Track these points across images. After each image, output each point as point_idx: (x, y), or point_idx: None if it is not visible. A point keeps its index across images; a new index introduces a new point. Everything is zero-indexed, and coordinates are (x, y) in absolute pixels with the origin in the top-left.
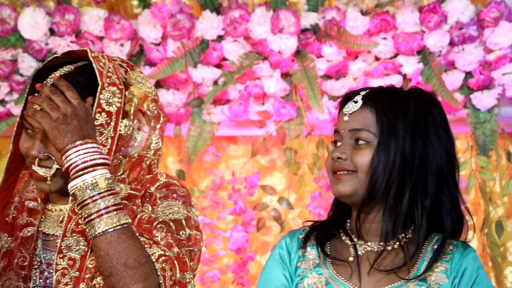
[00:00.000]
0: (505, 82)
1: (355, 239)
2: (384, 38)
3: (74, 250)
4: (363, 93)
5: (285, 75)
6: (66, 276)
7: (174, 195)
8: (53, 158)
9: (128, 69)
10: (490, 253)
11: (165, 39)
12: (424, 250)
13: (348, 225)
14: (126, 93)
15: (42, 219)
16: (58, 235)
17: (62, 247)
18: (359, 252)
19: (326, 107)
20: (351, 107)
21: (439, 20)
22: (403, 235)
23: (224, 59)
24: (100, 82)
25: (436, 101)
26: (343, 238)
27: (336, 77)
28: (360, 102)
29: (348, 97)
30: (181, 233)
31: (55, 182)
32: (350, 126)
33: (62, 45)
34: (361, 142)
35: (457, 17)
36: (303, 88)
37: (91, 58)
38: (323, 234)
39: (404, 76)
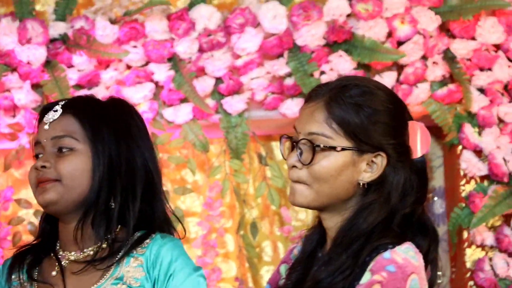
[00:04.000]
0: (254, 86)
1: (61, 253)
2: (135, 46)
3: None
4: (61, 103)
5: (36, 86)
6: None
7: None
8: None
9: None
10: (246, 254)
11: None
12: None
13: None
14: None
15: None
16: None
17: None
18: (63, 264)
19: None
20: (51, 115)
21: (188, 27)
22: (110, 236)
23: None
24: None
25: (135, 108)
26: (51, 256)
27: (88, 87)
28: (60, 111)
29: (47, 108)
30: None
31: None
32: (52, 134)
33: None
34: (64, 149)
35: (205, 24)
36: (55, 98)
37: None
38: (32, 257)
39: (157, 83)
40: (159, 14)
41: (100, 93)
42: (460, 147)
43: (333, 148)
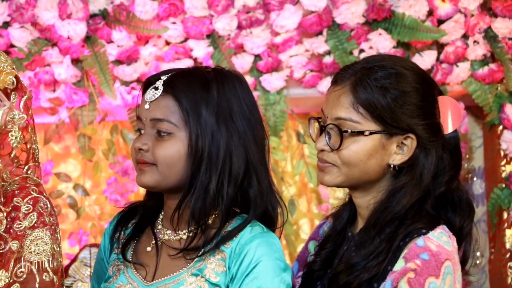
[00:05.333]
0: (293, 64)
1: (160, 227)
2: (174, 23)
3: None
4: (164, 77)
5: (76, 61)
6: None
7: (42, 218)
8: None
9: None
10: (284, 231)
11: None
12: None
13: (161, 216)
14: None
15: None
16: None
17: None
18: (158, 243)
19: (119, 93)
20: (151, 94)
21: (227, 4)
22: (205, 220)
23: (12, 45)
24: None
25: (242, 80)
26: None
27: (127, 62)
28: (160, 89)
29: (149, 82)
30: (43, 276)
31: None
32: (151, 116)
33: None
34: (163, 133)
35: (244, 1)
36: (94, 74)
37: None
38: (132, 233)
39: (195, 60)
40: None
41: (139, 69)
42: (500, 127)
43: (361, 133)
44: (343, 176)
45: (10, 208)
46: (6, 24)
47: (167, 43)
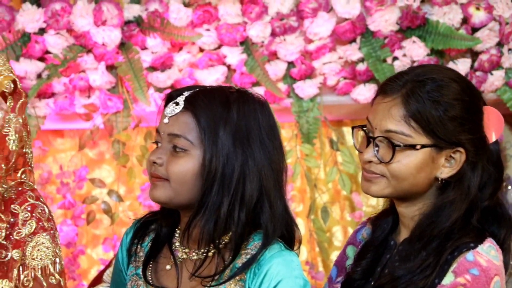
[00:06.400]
0: (326, 71)
1: (177, 244)
2: (208, 30)
3: None
4: (186, 93)
5: (110, 68)
6: None
7: (41, 224)
8: None
9: None
10: (317, 238)
11: None
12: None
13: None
14: None
15: None
16: None
17: None
18: (177, 261)
19: (153, 99)
20: (172, 109)
21: (260, 11)
22: (218, 241)
23: (47, 52)
24: None
25: (264, 105)
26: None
27: (161, 69)
28: (181, 105)
29: (171, 96)
30: (50, 279)
31: None
32: (169, 130)
33: None
34: (178, 149)
35: (278, 8)
36: (129, 80)
37: None
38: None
39: (229, 66)
40: None
41: (173, 75)
42: None
43: (412, 147)
44: (391, 188)
45: (9, 216)
46: (42, 31)
47: (201, 50)
